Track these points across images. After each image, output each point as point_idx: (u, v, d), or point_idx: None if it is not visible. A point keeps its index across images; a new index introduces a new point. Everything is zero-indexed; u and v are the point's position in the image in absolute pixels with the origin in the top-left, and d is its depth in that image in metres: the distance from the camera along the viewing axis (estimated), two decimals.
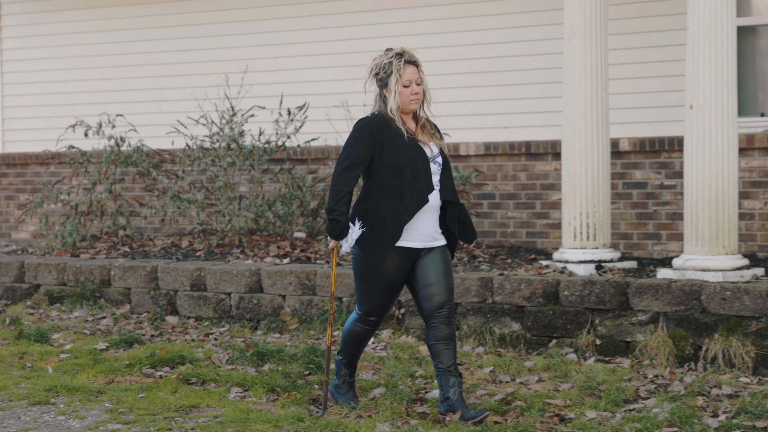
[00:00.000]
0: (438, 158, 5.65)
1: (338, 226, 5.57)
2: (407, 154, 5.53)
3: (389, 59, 5.62)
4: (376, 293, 5.64)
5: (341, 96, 10.04)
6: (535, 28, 9.42)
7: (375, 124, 5.55)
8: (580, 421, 5.65)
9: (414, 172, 5.52)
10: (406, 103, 5.58)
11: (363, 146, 5.52)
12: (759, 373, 6.59)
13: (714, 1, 7.21)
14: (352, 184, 5.55)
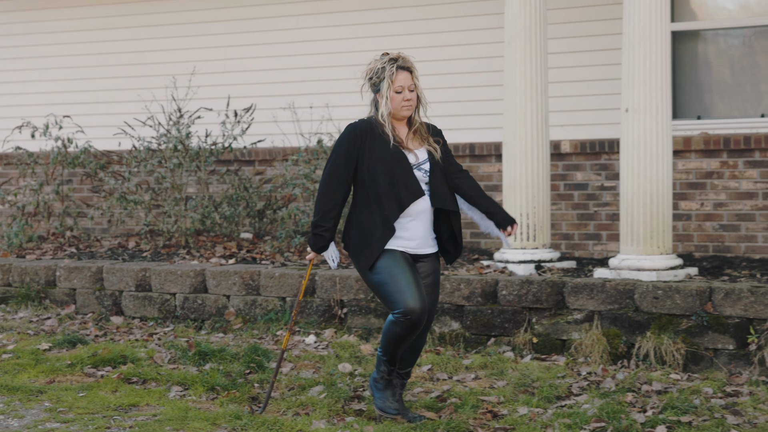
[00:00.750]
0: (425, 165, 5.53)
1: (321, 241, 5.54)
2: (387, 160, 5.42)
3: (383, 64, 5.54)
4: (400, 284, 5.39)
5: (288, 98, 10.14)
6: (480, 32, 9.56)
7: (357, 132, 5.49)
8: (511, 417, 5.79)
9: (392, 180, 5.41)
10: (397, 109, 5.51)
11: (344, 155, 5.47)
12: (689, 369, 6.77)
13: (648, 6, 7.38)
14: (338, 197, 5.48)
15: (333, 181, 5.48)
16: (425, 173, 5.52)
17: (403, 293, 5.36)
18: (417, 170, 5.51)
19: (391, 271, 5.40)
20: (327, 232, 5.51)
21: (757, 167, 8.66)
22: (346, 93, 10.09)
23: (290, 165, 9.41)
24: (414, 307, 5.36)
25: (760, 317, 6.63)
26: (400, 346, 5.55)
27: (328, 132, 9.79)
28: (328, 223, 5.49)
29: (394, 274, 5.39)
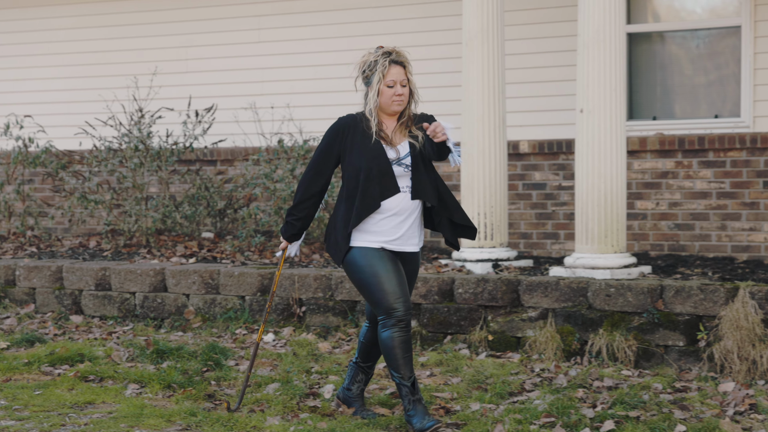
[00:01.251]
0: (405, 159, 5.44)
1: (291, 229, 5.55)
2: (366, 156, 5.37)
3: (376, 57, 5.44)
4: (383, 283, 5.34)
5: (250, 98, 10.19)
6: (442, 33, 9.64)
7: (341, 127, 5.46)
8: (464, 413, 5.87)
9: (369, 176, 5.36)
10: (387, 104, 5.43)
11: (326, 150, 5.45)
12: (640, 366, 6.88)
13: (603, 9, 7.48)
14: (314, 188, 5.47)
15: (311, 173, 5.48)
16: (406, 168, 5.44)
17: (386, 293, 5.33)
18: (397, 165, 5.42)
19: (373, 271, 5.36)
20: (298, 222, 5.52)
21: (710, 167, 8.80)
22: (307, 93, 10.20)
23: (251, 165, 9.46)
24: (397, 307, 5.35)
25: (710, 314, 6.76)
26: (402, 353, 5.39)
27: (289, 132, 9.85)
28: (301, 213, 5.50)
29: (376, 274, 5.35)
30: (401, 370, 5.42)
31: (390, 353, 5.39)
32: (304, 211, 5.51)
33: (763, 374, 6.51)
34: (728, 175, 8.76)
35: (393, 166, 5.41)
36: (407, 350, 5.41)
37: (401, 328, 5.37)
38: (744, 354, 6.57)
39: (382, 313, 5.36)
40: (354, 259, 5.42)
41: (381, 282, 5.34)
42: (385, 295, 5.34)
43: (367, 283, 5.38)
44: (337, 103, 10.06)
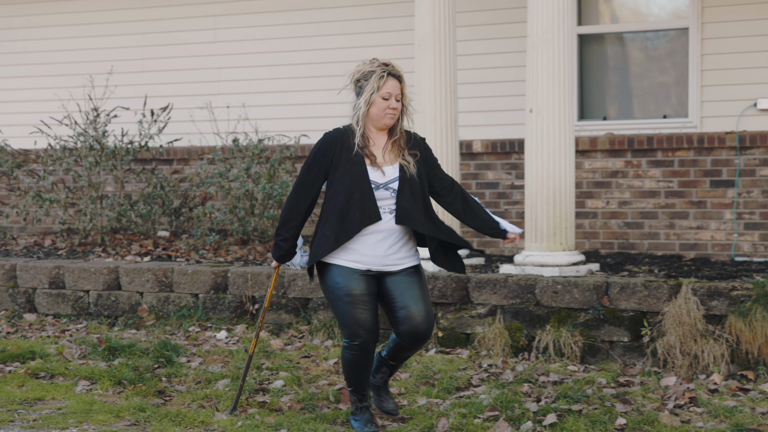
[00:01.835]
0: (393, 183, 5.27)
1: (279, 251, 5.42)
2: (349, 178, 5.21)
3: (372, 68, 5.30)
4: (346, 309, 5.24)
5: (205, 97, 10.25)
6: (397, 33, 9.73)
7: (331, 141, 5.26)
8: (410, 407, 5.97)
9: (349, 200, 5.21)
10: (379, 116, 5.25)
11: (315, 167, 5.28)
12: (586, 361, 7.00)
13: (551, 10, 7.59)
14: (301, 207, 5.30)
15: (297, 191, 5.31)
16: (392, 192, 5.28)
17: (352, 320, 5.23)
18: (384, 189, 5.27)
19: (345, 293, 5.23)
20: (285, 242, 5.38)
21: (659, 167, 8.95)
22: (263, 93, 10.26)
23: (205, 164, 9.52)
24: (360, 335, 5.25)
25: (653, 310, 6.89)
26: (357, 373, 5.40)
27: (245, 131, 9.91)
28: (288, 233, 5.36)
29: (347, 296, 5.23)
30: (353, 385, 5.49)
31: (346, 368, 5.42)
32: (291, 230, 5.36)
33: (704, 369, 6.65)
34: (676, 175, 8.92)
35: (378, 190, 5.25)
36: (364, 371, 5.39)
37: (360, 353, 5.30)
38: (686, 349, 6.71)
39: (345, 337, 5.31)
40: (330, 277, 5.29)
41: (349, 307, 5.23)
42: (350, 321, 5.24)
43: (336, 304, 5.28)
44: (293, 102, 10.16)
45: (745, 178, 8.71)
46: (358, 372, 5.39)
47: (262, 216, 9.17)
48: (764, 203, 8.66)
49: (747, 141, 8.66)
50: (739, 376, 6.58)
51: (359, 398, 5.52)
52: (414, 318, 5.27)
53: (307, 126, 10.00)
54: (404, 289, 5.30)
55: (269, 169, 9.26)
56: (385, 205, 5.28)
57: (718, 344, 6.66)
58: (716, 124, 8.82)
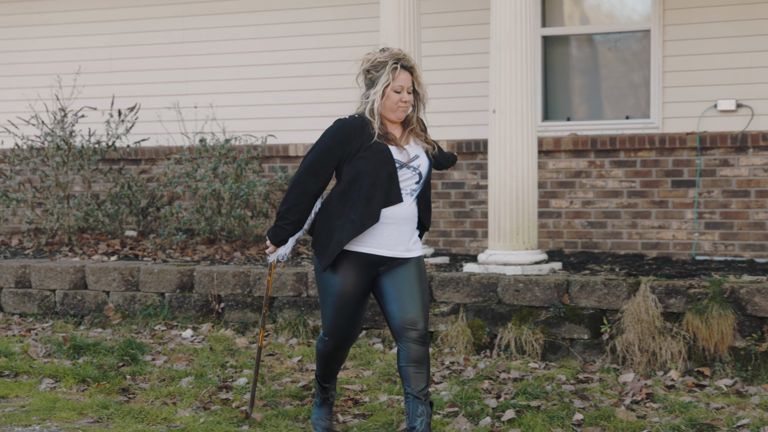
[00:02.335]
0: (415, 161, 5.17)
1: (281, 234, 5.19)
2: (373, 161, 5.04)
3: (384, 58, 5.14)
4: (332, 310, 5.19)
5: (173, 98, 10.29)
6: (364, 34, 9.79)
7: (348, 129, 5.09)
8: (371, 404, 6.05)
9: (375, 182, 5.04)
10: (392, 109, 5.11)
11: (327, 150, 5.08)
12: (546, 358, 7.10)
13: (514, 12, 7.68)
14: (311, 190, 5.09)
15: (309, 174, 5.08)
16: (414, 171, 5.17)
17: (331, 318, 5.20)
18: (407, 168, 5.14)
19: (338, 291, 5.14)
20: (290, 226, 5.15)
21: (622, 167, 9.07)
22: (231, 93, 10.32)
23: (172, 164, 9.56)
24: (336, 338, 5.28)
25: (613, 308, 6.99)
26: (327, 363, 5.44)
27: (212, 131, 9.96)
28: (294, 216, 5.13)
29: (333, 294, 5.15)
30: (321, 372, 5.54)
31: (319, 357, 5.47)
32: (297, 215, 5.12)
33: (662, 365, 6.77)
34: (638, 175, 9.04)
35: (401, 169, 5.13)
36: (334, 363, 5.44)
37: (333, 350, 5.36)
38: (644, 346, 6.82)
39: (323, 330, 5.31)
40: (330, 270, 5.15)
41: (336, 309, 5.18)
42: (332, 320, 5.21)
43: (324, 299, 5.21)
44: (260, 103, 10.22)
45: (706, 178, 8.84)
46: (327, 362, 5.44)
47: (229, 215, 9.22)
48: (724, 203, 8.79)
49: (707, 141, 8.79)
50: (695, 372, 6.69)
51: (322, 389, 5.57)
52: (405, 311, 5.08)
53: (274, 126, 10.06)
54: (401, 282, 5.14)
55: (236, 169, 9.31)
56: (407, 186, 5.16)
57: (675, 341, 6.78)
58: (678, 125, 8.95)
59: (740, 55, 8.74)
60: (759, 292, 6.63)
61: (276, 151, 10.08)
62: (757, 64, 8.68)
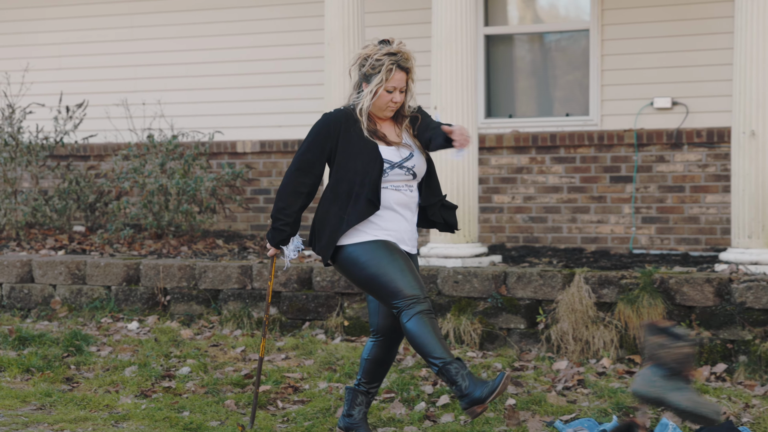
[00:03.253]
0: (408, 162, 5.05)
1: (279, 236, 5.09)
2: (360, 159, 4.96)
3: (382, 56, 4.98)
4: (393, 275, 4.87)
5: (122, 95, 10.38)
6: (308, 33, 9.96)
7: (333, 122, 5.01)
8: (311, 391, 6.20)
9: (363, 180, 4.95)
10: (381, 108, 5.02)
11: (316, 147, 5.01)
12: (484, 348, 7.29)
13: (455, 11, 7.86)
14: (303, 189, 5.01)
15: (299, 173, 5.01)
16: (407, 171, 5.06)
17: (400, 283, 4.85)
18: (399, 168, 5.03)
19: (379, 263, 4.89)
20: (287, 227, 5.06)
21: (562, 163, 9.29)
22: (179, 90, 10.42)
23: (120, 160, 9.66)
24: (416, 293, 4.84)
25: (548, 298, 7.20)
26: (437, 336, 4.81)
27: (160, 128, 10.05)
28: (289, 218, 5.04)
29: (383, 265, 4.88)
30: (440, 352, 4.80)
31: (423, 339, 4.79)
32: (292, 215, 5.03)
33: (595, 353, 6.98)
34: (578, 171, 9.26)
35: (393, 169, 5.01)
36: (439, 332, 4.86)
37: (427, 312, 4.84)
38: (578, 335, 7.03)
39: (402, 304, 4.84)
40: (353, 257, 4.96)
41: (390, 272, 4.87)
42: (399, 284, 4.85)
43: (375, 278, 4.89)
44: (208, 100, 10.34)
45: (643, 174, 9.07)
46: (436, 333, 4.81)
47: (177, 211, 9.33)
48: (660, 198, 9.03)
49: (644, 138, 9.03)
50: (627, 359, 6.91)
51: (460, 364, 4.80)
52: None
53: (222, 123, 10.18)
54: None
55: (183, 164, 9.42)
56: (400, 185, 5.05)
57: (608, 330, 6.99)
58: (616, 122, 9.18)
59: (675, 54, 8.98)
60: (687, 282, 6.86)
61: (224, 147, 10.21)
62: (691, 63, 8.94)
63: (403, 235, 5.07)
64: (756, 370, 6.56)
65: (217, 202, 9.62)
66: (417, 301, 4.83)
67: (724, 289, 6.79)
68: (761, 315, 6.67)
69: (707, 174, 8.90)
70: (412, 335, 4.81)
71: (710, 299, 6.81)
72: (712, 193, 8.88)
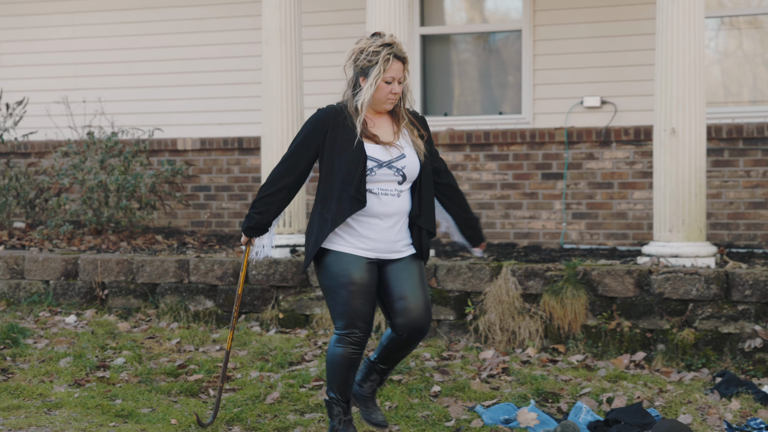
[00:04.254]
0: (399, 162, 4.90)
1: (247, 222, 5.02)
2: (346, 157, 4.84)
3: (377, 47, 4.88)
4: (343, 301, 4.87)
5: (62, 92, 10.46)
6: (247, 32, 10.11)
7: (323, 119, 4.91)
8: (242, 379, 6.36)
9: (346, 179, 4.83)
10: (381, 100, 4.91)
11: (303, 143, 4.91)
12: None
13: (388, 11, 8.00)
14: (282, 182, 4.93)
15: (282, 166, 4.95)
16: (397, 172, 4.90)
17: (350, 311, 4.87)
18: (387, 168, 4.89)
19: (345, 282, 4.86)
20: (260, 215, 4.98)
21: (495, 160, 9.52)
22: (119, 88, 10.52)
23: (59, 156, 9.75)
24: (359, 326, 4.88)
25: (477, 290, 7.41)
26: (347, 372, 4.97)
27: (100, 125, 10.15)
28: (263, 207, 4.96)
29: (346, 285, 4.86)
30: (340, 388, 5.01)
31: (337, 367, 4.97)
32: (267, 205, 4.96)
33: (521, 343, 7.20)
34: (511, 168, 9.50)
35: (381, 168, 4.88)
36: (354, 368, 4.99)
37: (357, 347, 4.93)
38: (505, 326, 7.25)
39: (341, 329, 4.91)
40: (328, 264, 4.91)
41: (351, 297, 4.86)
42: (350, 311, 4.87)
43: (336, 293, 4.89)
44: (148, 98, 10.46)
45: (573, 171, 9.33)
46: (348, 370, 4.97)
47: (117, 207, 9.44)
48: (590, 194, 9.29)
49: (574, 136, 9.29)
50: (551, 349, 7.14)
51: (344, 409, 5.04)
52: (412, 310, 4.92)
53: (162, 120, 10.31)
54: (404, 278, 4.95)
55: (123, 161, 9.53)
56: (387, 187, 4.92)
57: (533, 321, 7.21)
58: (547, 121, 9.43)
59: (604, 55, 9.25)
60: (609, 274, 7.11)
61: (165, 144, 10.33)
62: (619, 63, 9.20)
63: (390, 245, 4.93)
64: (673, 358, 6.83)
65: (156, 198, 9.73)
66: (347, 335, 4.90)
67: (643, 281, 7.04)
68: (678, 305, 6.93)
69: (635, 171, 9.17)
70: (328, 360, 5.01)
71: (631, 290, 7.06)
72: (639, 189, 9.16)
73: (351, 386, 5.03)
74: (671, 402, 5.93)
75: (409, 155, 4.93)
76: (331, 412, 5.05)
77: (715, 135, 8.92)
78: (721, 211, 8.99)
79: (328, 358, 4.99)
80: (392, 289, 4.94)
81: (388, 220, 4.91)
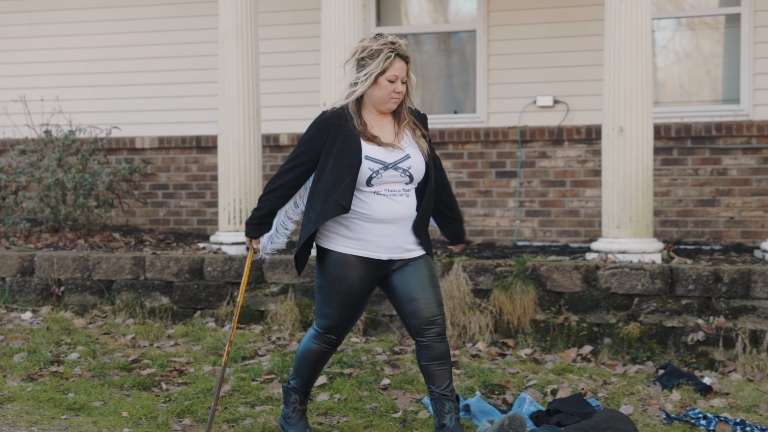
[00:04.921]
0: (403, 163, 4.90)
1: (251, 221, 5.06)
2: (342, 159, 4.83)
3: (380, 46, 4.87)
4: (333, 305, 4.95)
5: (20, 91, 10.49)
6: (205, 31, 10.18)
7: (326, 121, 4.88)
8: (195, 373, 6.45)
9: (336, 182, 4.81)
10: (384, 99, 4.89)
11: (306, 145, 4.92)
12: (368, 333, 7.59)
13: (342, 11, 8.11)
14: (280, 181, 4.93)
15: (287, 165, 4.97)
16: (403, 173, 4.89)
17: (331, 313, 4.97)
18: (393, 169, 4.89)
19: (337, 288, 4.91)
20: (258, 211, 5.02)
21: (450, 158, 9.64)
22: (78, 87, 10.56)
23: (17, 155, 9.78)
24: (338, 333, 5.03)
25: None
26: (315, 367, 5.15)
27: (58, 124, 10.19)
28: (264, 209, 5.00)
29: (337, 291, 4.92)
30: (304, 380, 5.20)
31: (307, 360, 5.14)
32: (264, 202, 5.00)
33: (471, 338, 7.33)
34: (466, 166, 9.63)
35: (388, 170, 4.88)
36: (321, 365, 5.17)
37: (330, 347, 5.10)
38: (456, 320, 7.37)
39: (320, 327, 5.04)
40: (329, 266, 4.93)
41: (341, 305, 4.95)
42: (336, 316, 4.98)
43: (327, 295, 4.96)
44: (106, 96, 10.50)
45: (526, 169, 9.47)
46: (316, 365, 5.14)
47: (74, 205, 9.48)
48: (543, 192, 9.44)
49: (528, 135, 9.43)
50: (501, 343, 7.27)
51: (301, 399, 5.24)
52: (423, 310, 4.91)
53: (120, 119, 10.36)
54: (413, 279, 4.94)
55: (81, 159, 9.58)
56: (399, 188, 4.91)
57: (483, 315, 7.35)
58: (501, 120, 9.57)
59: (557, 55, 9.40)
60: (557, 269, 7.25)
61: (123, 143, 10.38)
62: (571, 63, 9.36)
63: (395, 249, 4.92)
64: (618, 351, 6.98)
65: (114, 196, 9.78)
66: (325, 335, 5.05)
67: (591, 276, 7.19)
68: (624, 299, 7.08)
69: (586, 169, 9.33)
70: (300, 352, 5.17)
71: (578, 285, 7.21)
72: (591, 187, 9.32)
73: (314, 380, 5.22)
74: (614, 393, 6.08)
75: (413, 156, 4.93)
76: (288, 399, 5.22)
77: (664, 134, 9.10)
78: (671, 209, 9.17)
79: (300, 350, 5.13)
80: (401, 292, 4.95)
81: (397, 221, 4.89)
